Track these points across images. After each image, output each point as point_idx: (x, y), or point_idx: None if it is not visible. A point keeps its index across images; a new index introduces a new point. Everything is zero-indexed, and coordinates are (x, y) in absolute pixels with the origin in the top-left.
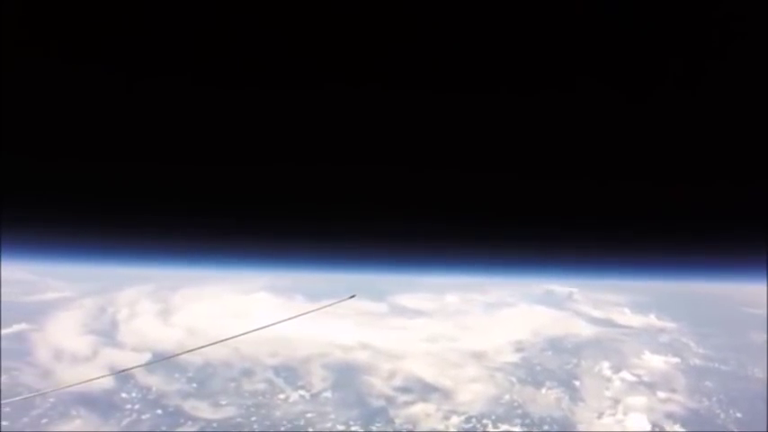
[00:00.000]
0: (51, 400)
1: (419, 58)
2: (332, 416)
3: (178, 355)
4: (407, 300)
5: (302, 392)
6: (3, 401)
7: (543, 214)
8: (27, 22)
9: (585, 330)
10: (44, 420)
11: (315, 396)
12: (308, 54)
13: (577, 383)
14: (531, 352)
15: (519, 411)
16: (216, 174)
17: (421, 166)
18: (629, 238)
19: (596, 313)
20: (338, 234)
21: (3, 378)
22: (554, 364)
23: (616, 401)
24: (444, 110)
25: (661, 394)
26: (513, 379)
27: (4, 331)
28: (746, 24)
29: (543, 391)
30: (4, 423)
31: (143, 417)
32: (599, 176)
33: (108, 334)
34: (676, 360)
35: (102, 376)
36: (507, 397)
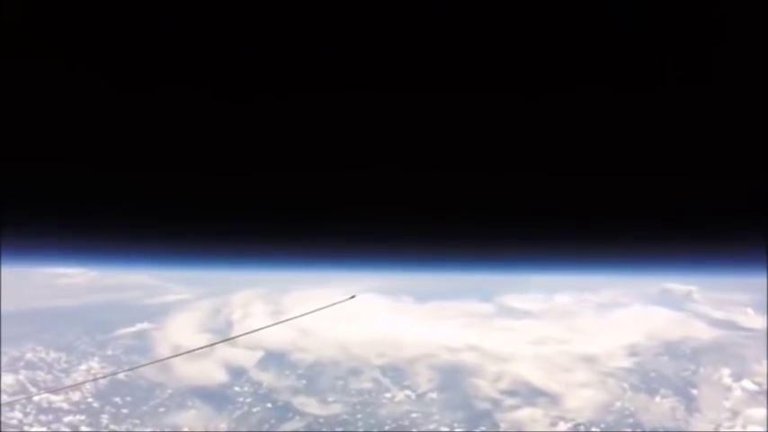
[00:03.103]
0: (169, 391)
1: (424, 59)
2: (436, 417)
3: (169, 357)
4: (516, 300)
5: (408, 392)
6: (3, 402)
7: (531, 213)
8: (29, 27)
9: (705, 333)
10: (161, 409)
11: (420, 396)
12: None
13: (694, 392)
14: (646, 356)
15: (630, 420)
16: (303, 179)
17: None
18: (628, 235)
19: (717, 314)
20: (436, 234)
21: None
22: (670, 371)
23: (735, 413)
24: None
25: None
26: (626, 385)
27: (127, 330)
28: (746, 23)
29: (657, 399)
30: (124, 411)
31: (253, 410)
32: (600, 174)
33: (223, 333)
34: None
35: (94, 379)
36: (618, 404)
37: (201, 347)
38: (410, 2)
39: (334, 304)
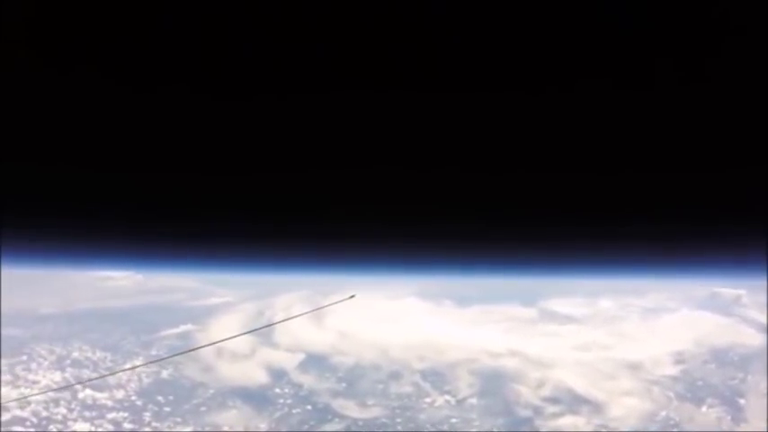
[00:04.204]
0: (211, 390)
1: (423, 58)
2: (476, 423)
3: (193, 349)
4: (559, 304)
5: (448, 397)
6: (2, 402)
7: (530, 210)
8: (29, 27)
9: (754, 339)
10: (203, 408)
11: (460, 402)
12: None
13: (742, 401)
14: (693, 364)
15: (675, 430)
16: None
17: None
18: (627, 235)
19: (765, 319)
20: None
21: (169, 370)
22: (717, 379)
23: None
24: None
25: None
26: (671, 394)
27: (172, 331)
28: (747, 19)
29: (704, 408)
30: (166, 409)
31: (293, 411)
32: (598, 173)
33: (265, 335)
34: None
35: (111, 374)
36: (663, 414)
37: (214, 343)
38: (410, 2)
39: (333, 304)
